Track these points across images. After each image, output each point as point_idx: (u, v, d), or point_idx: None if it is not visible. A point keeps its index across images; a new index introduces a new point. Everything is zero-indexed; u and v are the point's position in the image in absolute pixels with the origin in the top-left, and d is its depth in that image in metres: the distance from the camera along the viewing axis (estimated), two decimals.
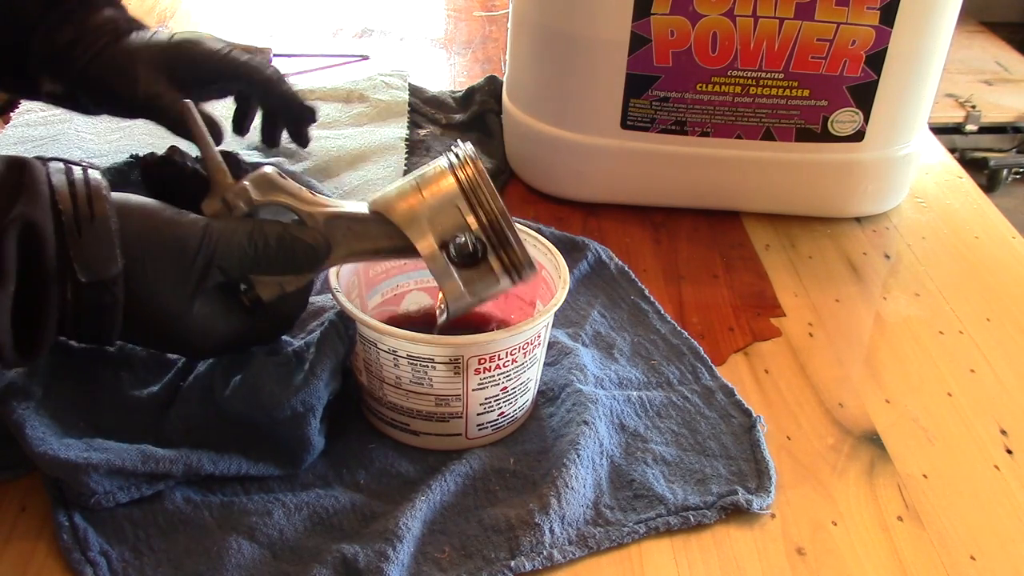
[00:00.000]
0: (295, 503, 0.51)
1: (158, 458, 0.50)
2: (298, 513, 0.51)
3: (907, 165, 0.79)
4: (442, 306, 0.52)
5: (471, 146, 0.51)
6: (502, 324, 0.61)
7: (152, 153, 0.53)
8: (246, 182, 0.50)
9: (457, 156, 0.51)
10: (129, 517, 0.50)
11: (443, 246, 0.50)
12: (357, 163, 0.82)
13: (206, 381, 0.53)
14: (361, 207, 0.51)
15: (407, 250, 0.50)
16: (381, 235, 0.51)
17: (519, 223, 0.60)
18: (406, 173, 0.80)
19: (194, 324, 0.49)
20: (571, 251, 0.72)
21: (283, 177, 0.51)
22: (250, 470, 0.52)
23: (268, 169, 0.51)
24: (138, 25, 0.71)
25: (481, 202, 0.50)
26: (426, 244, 0.50)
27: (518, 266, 0.51)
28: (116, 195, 0.47)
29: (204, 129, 0.51)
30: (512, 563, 0.48)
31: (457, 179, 0.50)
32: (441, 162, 0.51)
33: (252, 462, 0.52)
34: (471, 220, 0.50)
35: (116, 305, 0.46)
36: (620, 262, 0.71)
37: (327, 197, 0.52)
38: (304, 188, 0.51)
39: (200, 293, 0.48)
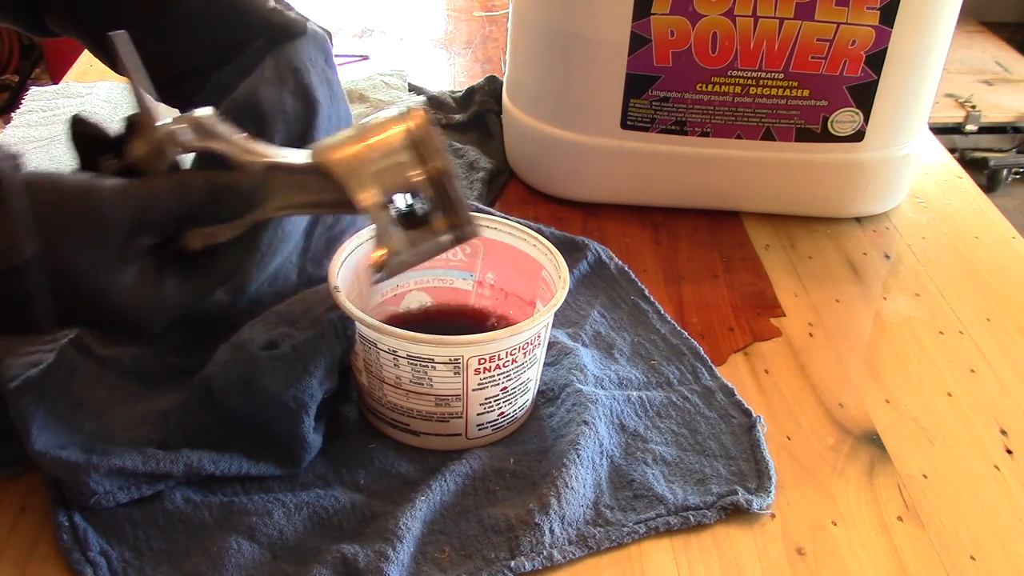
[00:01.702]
0: (295, 503, 0.51)
1: (158, 458, 0.50)
2: (298, 513, 0.51)
3: (907, 165, 0.79)
4: (377, 263, 0.48)
5: (423, 101, 0.49)
6: (502, 324, 0.61)
7: (78, 119, 0.49)
8: (179, 125, 0.47)
9: (404, 109, 0.48)
10: (129, 517, 0.50)
11: (385, 196, 0.47)
12: None
13: (205, 382, 0.53)
14: (302, 156, 0.48)
15: (348, 204, 0.47)
16: (321, 187, 0.48)
17: (519, 223, 0.60)
18: None
19: (126, 296, 0.44)
20: (571, 251, 0.72)
21: (220, 122, 0.47)
22: (250, 470, 0.52)
23: (203, 112, 0.47)
24: None
25: (427, 157, 0.47)
26: (366, 196, 0.46)
27: (462, 225, 0.48)
28: (26, 173, 0.42)
29: (137, 63, 0.47)
30: (512, 563, 0.48)
31: (405, 130, 0.47)
32: (389, 112, 0.48)
33: (252, 462, 0.52)
34: (415, 174, 0.47)
35: (39, 291, 0.42)
36: (620, 262, 0.71)
37: (265, 147, 0.48)
38: (242, 134, 0.48)
39: (125, 262, 0.44)
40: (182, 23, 0.55)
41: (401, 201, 0.48)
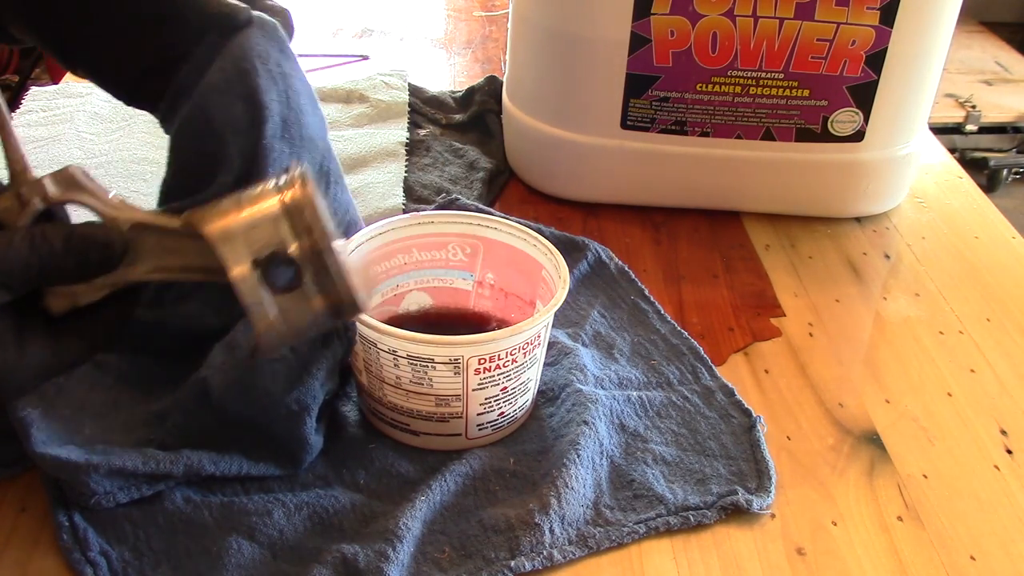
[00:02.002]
0: (295, 503, 0.51)
1: (159, 458, 0.50)
2: (298, 513, 0.51)
3: (907, 165, 0.79)
4: (253, 338, 0.45)
5: (307, 167, 0.46)
6: (502, 324, 0.61)
7: None
8: (45, 177, 0.45)
9: (287, 174, 0.46)
10: (129, 517, 0.50)
11: (258, 269, 0.44)
12: (357, 167, 0.82)
13: (201, 383, 0.53)
14: (172, 220, 0.46)
15: (219, 271, 0.44)
16: (192, 251, 0.45)
17: (519, 223, 0.60)
18: (407, 177, 0.81)
19: None
20: (571, 251, 0.72)
21: (89, 177, 0.46)
22: (251, 470, 0.52)
23: (72, 166, 0.46)
24: None
25: (305, 229, 0.44)
26: (238, 269, 0.44)
27: (341, 301, 0.45)
28: None
29: (5, 115, 0.45)
30: (512, 563, 0.48)
31: (282, 198, 0.45)
32: (273, 181, 0.46)
33: (253, 462, 0.52)
34: (291, 243, 0.44)
35: None
36: (620, 262, 0.71)
37: (135, 206, 0.46)
38: (111, 193, 0.46)
39: None
40: (131, 22, 0.53)
41: (280, 275, 0.45)
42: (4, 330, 0.43)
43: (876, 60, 0.71)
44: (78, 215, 0.46)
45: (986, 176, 2.57)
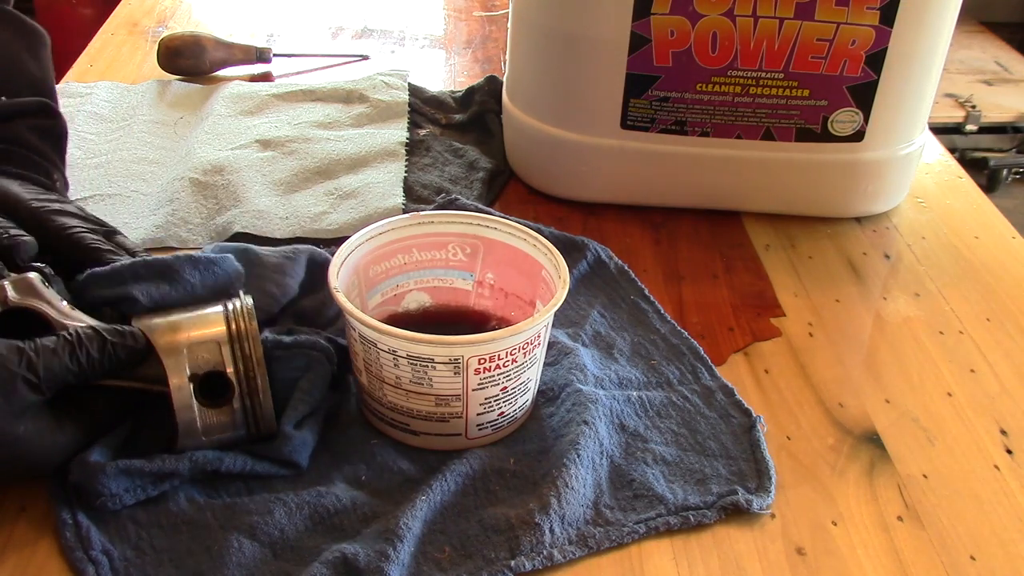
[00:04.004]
0: (296, 502, 0.51)
1: (164, 457, 0.51)
2: (299, 512, 0.51)
3: (907, 165, 0.79)
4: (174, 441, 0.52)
5: (251, 300, 0.53)
6: (502, 321, 0.61)
7: None
8: (5, 282, 0.50)
9: (236, 305, 0.53)
10: (132, 517, 0.50)
11: (193, 380, 0.50)
12: (357, 167, 0.82)
13: None
14: (123, 329, 0.51)
15: (160, 379, 0.50)
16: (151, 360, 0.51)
17: (519, 223, 0.60)
18: (407, 177, 0.81)
19: (26, 443, 0.47)
20: (570, 251, 0.72)
21: (46, 285, 0.51)
22: (255, 467, 0.52)
23: (32, 275, 0.51)
24: None
25: (245, 353, 0.51)
26: (178, 376, 0.50)
27: (259, 418, 0.52)
28: None
29: None
30: (512, 563, 0.48)
31: (227, 325, 0.52)
32: (217, 307, 0.53)
33: (256, 459, 0.52)
34: (228, 364, 0.51)
35: None
36: (620, 261, 0.71)
37: (83, 315, 0.52)
38: (64, 301, 0.51)
39: (21, 417, 0.47)
40: None
41: (209, 379, 0.51)
42: (44, 419, 0.49)
43: (876, 60, 0.71)
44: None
45: (986, 176, 2.57)
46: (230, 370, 0.51)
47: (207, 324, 0.52)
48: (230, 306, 0.53)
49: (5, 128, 0.65)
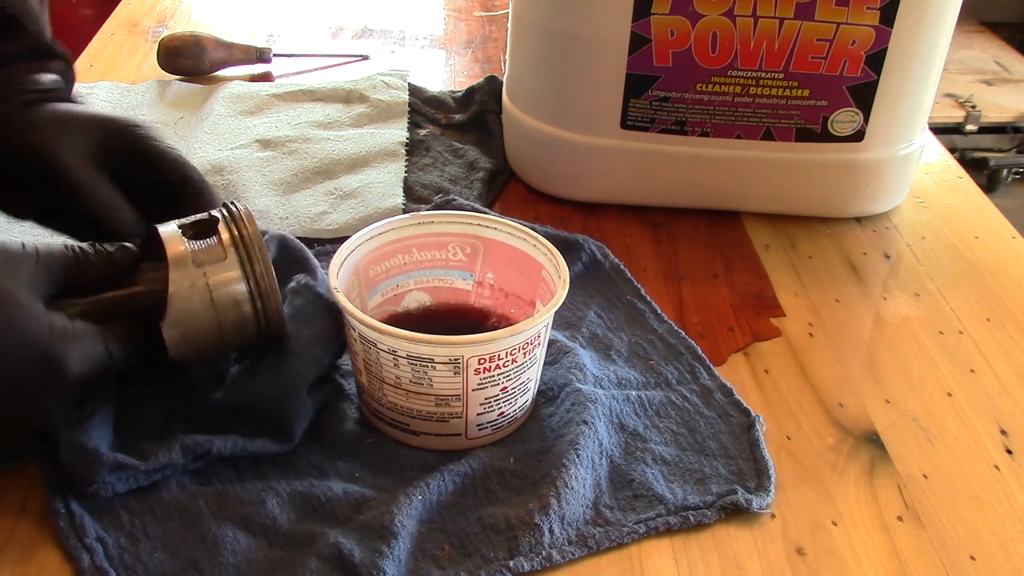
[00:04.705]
0: (288, 491, 0.51)
1: (156, 452, 0.51)
2: (291, 501, 0.51)
3: (907, 165, 0.79)
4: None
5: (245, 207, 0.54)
6: (502, 319, 0.61)
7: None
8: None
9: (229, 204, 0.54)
10: (126, 505, 0.50)
11: (189, 241, 0.52)
12: (357, 167, 0.82)
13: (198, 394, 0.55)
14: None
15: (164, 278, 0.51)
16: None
17: (519, 223, 0.60)
18: (407, 177, 0.81)
19: (38, 320, 0.47)
20: (565, 250, 0.72)
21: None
22: (247, 446, 0.52)
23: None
24: (68, 96, 0.62)
25: (239, 231, 0.52)
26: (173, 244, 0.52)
27: (268, 309, 0.53)
28: None
29: None
30: (511, 563, 0.48)
31: (223, 209, 0.54)
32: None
33: (248, 439, 0.53)
34: (225, 232, 0.52)
35: None
36: (615, 259, 0.71)
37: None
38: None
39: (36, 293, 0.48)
40: None
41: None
42: (54, 308, 0.49)
43: (876, 60, 0.71)
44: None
45: (986, 176, 2.57)
46: (226, 236, 0.52)
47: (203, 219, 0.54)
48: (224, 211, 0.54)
49: None
